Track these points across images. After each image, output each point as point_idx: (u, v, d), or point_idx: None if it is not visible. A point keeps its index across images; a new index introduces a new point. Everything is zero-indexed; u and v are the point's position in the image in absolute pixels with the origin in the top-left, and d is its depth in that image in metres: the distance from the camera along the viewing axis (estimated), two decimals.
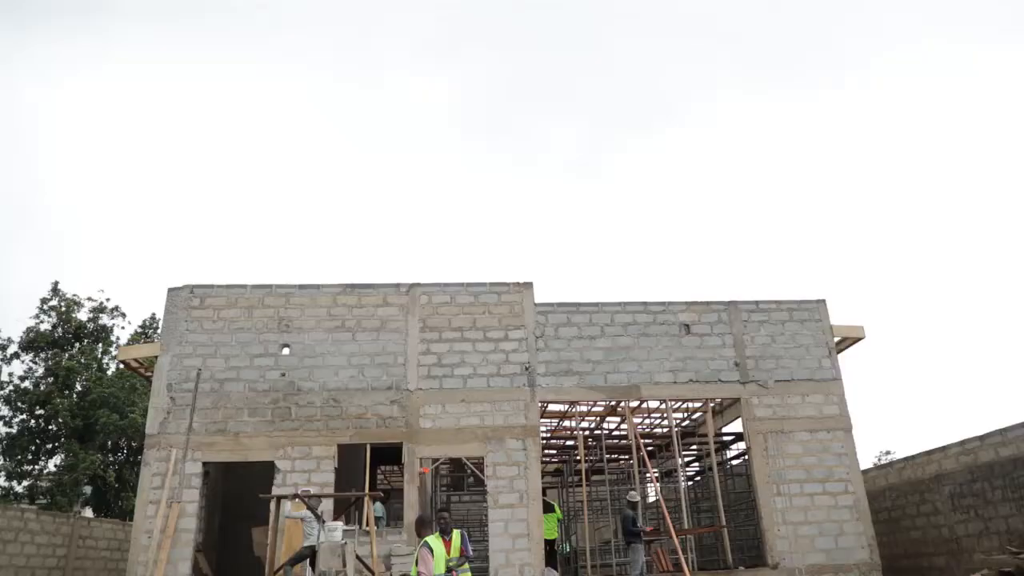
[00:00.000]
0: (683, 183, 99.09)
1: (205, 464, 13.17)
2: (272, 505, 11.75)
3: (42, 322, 24.11)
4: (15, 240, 61.78)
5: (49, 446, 23.56)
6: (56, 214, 76.30)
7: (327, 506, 12.15)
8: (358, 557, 11.39)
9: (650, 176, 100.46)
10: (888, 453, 33.75)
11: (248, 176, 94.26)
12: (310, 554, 11.02)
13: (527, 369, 14.09)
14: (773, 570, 13.13)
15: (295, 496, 11.58)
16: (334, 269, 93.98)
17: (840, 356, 15.08)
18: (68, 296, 24.63)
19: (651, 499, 18.88)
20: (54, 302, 24.37)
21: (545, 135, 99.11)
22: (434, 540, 7.94)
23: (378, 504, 14.18)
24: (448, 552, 8.70)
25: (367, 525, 12.34)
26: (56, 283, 24.63)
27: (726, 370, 14.49)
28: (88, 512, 22.29)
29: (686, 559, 12.74)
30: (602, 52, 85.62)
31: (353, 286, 14.46)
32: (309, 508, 11.25)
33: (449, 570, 8.47)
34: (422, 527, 8.30)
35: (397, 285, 14.54)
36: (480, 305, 14.50)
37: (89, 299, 25.14)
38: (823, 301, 15.19)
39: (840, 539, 13.50)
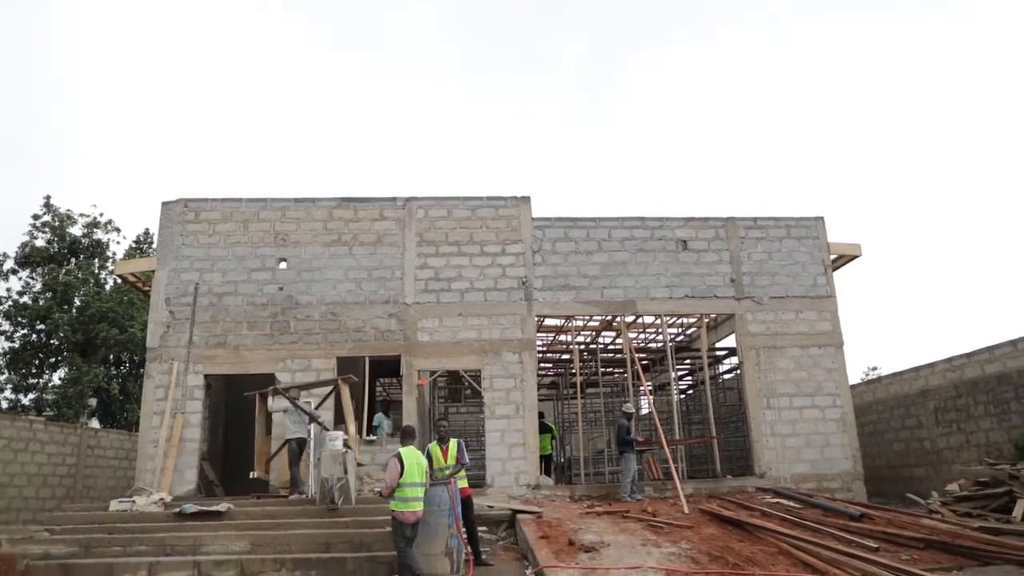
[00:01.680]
0: (684, 98, 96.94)
1: (207, 376, 13.40)
2: (258, 401, 12.46)
3: (36, 238, 23.94)
4: (5, 153, 60.62)
5: (52, 360, 23.87)
6: (46, 127, 74.62)
7: (327, 417, 12.43)
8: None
9: (650, 91, 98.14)
10: (874, 369, 34.39)
11: (240, 88, 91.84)
12: (299, 448, 11.58)
13: (524, 283, 14.13)
14: (760, 479, 13.60)
15: (273, 389, 12.08)
16: (331, 185, 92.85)
17: (835, 273, 15.15)
18: (61, 211, 24.36)
19: (644, 411, 19.35)
20: (47, 217, 24.13)
21: (545, 47, 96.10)
22: (408, 452, 7.92)
23: (379, 415, 14.49)
24: (445, 459, 8.97)
25: (345, 415, 12.43)
26: (48, 198, 24.33)
27: (722, 286, 14.57)
28: (94, 423, 22.77)
29: (676, 468, 13.15)
30: None
31: (349, 200, 14.31)
32: (289, 400, 11.69)
33: (446, 477, 8.75)
34: (405, 437, 8.32)
35: (393, 199, 14.39)
36: (477, 219, 14.40)
37: (82, 214, 24.90)
38: (821, 219, 15.13)
39: (825, 450, 13.92)
